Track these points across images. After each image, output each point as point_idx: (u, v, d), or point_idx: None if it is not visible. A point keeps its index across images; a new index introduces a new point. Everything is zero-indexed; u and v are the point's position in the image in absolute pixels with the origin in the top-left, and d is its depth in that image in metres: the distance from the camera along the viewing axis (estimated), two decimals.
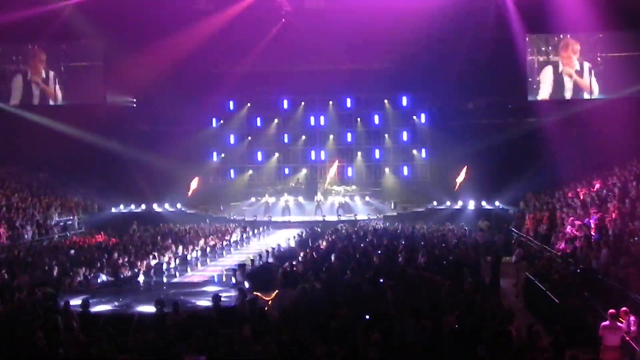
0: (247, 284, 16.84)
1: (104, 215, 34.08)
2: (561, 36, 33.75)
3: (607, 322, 11.52)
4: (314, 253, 20.41)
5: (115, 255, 21.96)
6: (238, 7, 33.47)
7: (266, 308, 14.06)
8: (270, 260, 21.07)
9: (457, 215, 32.27)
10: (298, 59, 37.70)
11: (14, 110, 35.99)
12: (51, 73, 36.67)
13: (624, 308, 12.06)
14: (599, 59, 33.30)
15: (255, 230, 31.24)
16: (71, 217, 31.68)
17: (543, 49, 34.09)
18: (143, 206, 35.38)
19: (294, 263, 18.53)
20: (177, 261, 22.77)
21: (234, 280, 18.14)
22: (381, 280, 15.27)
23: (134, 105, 39.22)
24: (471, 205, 33.17)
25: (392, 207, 35.85)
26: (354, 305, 12.70)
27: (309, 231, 28.01)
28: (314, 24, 33.95)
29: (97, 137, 35.17)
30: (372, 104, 40.22)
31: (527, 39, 33.91)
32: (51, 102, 36.77)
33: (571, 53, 33.69)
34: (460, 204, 33.69)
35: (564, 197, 27.16)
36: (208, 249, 25.53)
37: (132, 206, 35.49)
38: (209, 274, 22.02)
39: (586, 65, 33.59)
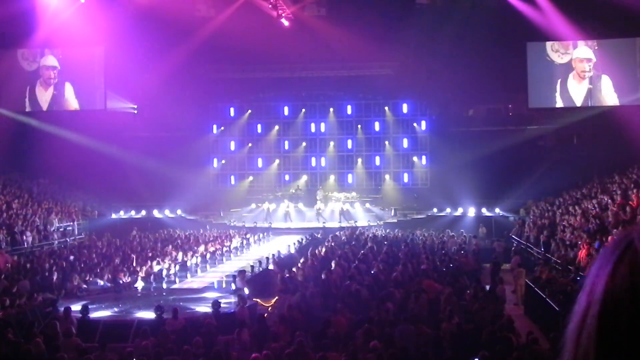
0: (246, 290, 16.83)
1: (104, 221, 34.11)
2: (563, 43, 33.62)
3: None
4: (313, 260, 20.41)
5: (116, 261, 21.98)
6: (239, 14, 33.47)
7: (265, 314, 14.06)
8: (270, 266, 21.07)
9: (458, 222, 32.24)
10: (299, 65, 37.77)
11: (15, 116, 35.90)
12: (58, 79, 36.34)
13: None
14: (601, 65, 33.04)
15: (256, 237, 31.18)
16: (71, 223, 31.66)
17: (545, 55, 34.00)
18: (143, 212, 35.39)
19: (293, 269, 18.54)
20: (177, 267, 22.79)
21: (233, 286, 18.13)
22: (381, 287, 15.26)
23: (135, 111, 39.26)
24: (471, 212, 33.13)
25: (393, 214, 35.75)
26: (353, 311, 12.70)
27: (309, 238, 28.00)
28: (314, 30, 33.98)
29: (97, 143, 35.15)
30: (372, 111, 40.32)
31: (528, 45, 33.80)
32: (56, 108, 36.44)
33: (577, 60, 33.49)
34: (460, 211, 33.63)
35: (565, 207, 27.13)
36: (208, 255, 25.53)
37: (133, 212, 35.49)
38: (208, 280, 22.06)
39: (591, 72, 33.36)
